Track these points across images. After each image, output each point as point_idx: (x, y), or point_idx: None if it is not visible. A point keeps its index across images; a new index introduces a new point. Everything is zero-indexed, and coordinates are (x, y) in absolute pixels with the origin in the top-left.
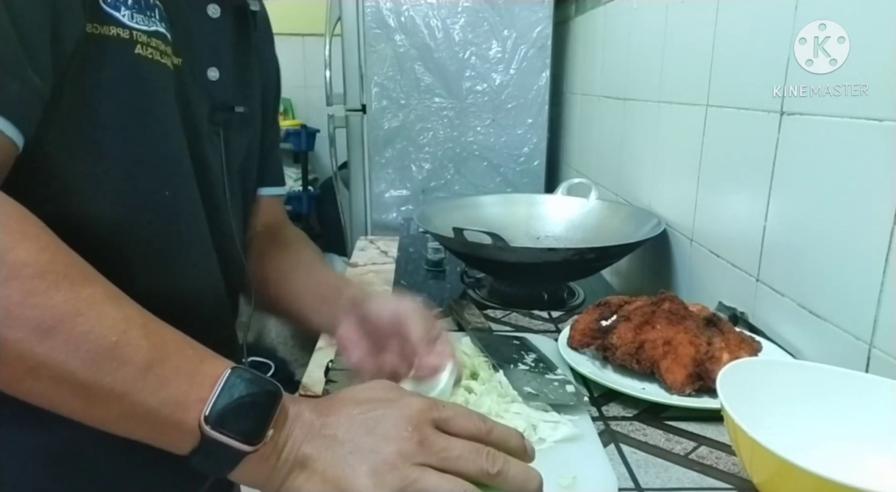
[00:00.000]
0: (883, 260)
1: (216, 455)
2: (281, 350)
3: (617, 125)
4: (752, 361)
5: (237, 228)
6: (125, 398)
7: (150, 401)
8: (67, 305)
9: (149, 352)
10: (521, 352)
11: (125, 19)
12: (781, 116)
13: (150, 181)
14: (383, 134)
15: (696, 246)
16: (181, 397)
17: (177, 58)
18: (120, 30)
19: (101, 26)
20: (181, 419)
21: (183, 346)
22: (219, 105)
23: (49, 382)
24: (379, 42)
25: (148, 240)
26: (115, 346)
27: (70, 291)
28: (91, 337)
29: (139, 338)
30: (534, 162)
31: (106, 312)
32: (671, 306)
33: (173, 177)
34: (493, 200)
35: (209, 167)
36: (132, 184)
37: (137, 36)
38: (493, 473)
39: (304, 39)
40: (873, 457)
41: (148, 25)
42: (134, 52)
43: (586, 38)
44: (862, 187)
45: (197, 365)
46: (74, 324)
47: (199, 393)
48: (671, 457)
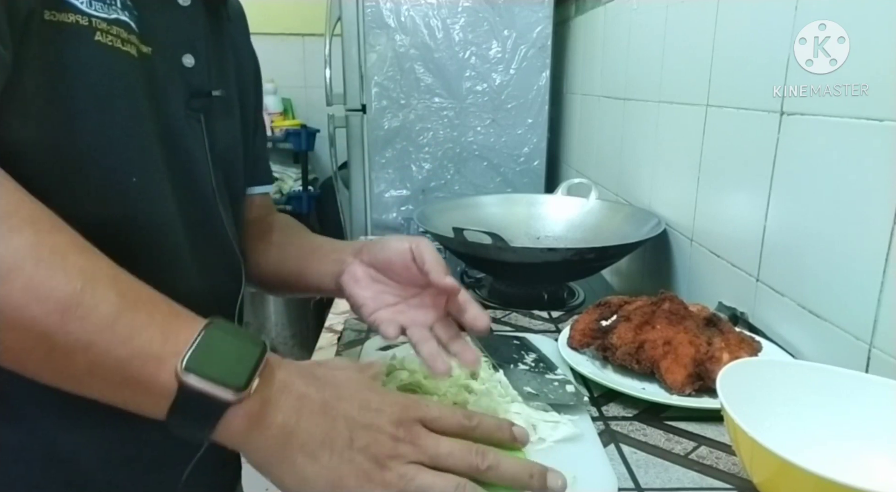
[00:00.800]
0: (883, 260)
1: (195, 410)
2: (281, 350)
3: (617, 125)
4: (752, 361)
5: (227, 217)
6: (91, 349)
7: (118, 352)
8: (27, 249)
9: (118, 302)
10: (521, 352)
11: (83, 6)
12: (781, 116)
13: (119, 168)
14: (383, 134)
15: (696, 246)
16: (155, 349)
17: (145, 46)
18: (78, 17)
19: (59, 13)
20: (154, 372)
21: (156, 300)
22: (196, 91)
23: (9, 331)
24: (379, 42)
25: (118, 229)
26: (79, 293)
27: (33, 236)
28: (52, 283)
29: (106, 288)
30: (534, 162)
31: (70, 260)
32: (671, 306)
33: (140, 163)
34: (493, 200)
35: (191, 154)
36: (101, 172)
37: (97, 23)
38: (483, 468)
39: (304, 39)
40: (873, 457)
41: (108, 13)
42: (94, 39)
43: (586, 38)
44: (862, 187)
45: (171, 319)
46: (36, 269)
47: (174, 346)
48: (671, 457)
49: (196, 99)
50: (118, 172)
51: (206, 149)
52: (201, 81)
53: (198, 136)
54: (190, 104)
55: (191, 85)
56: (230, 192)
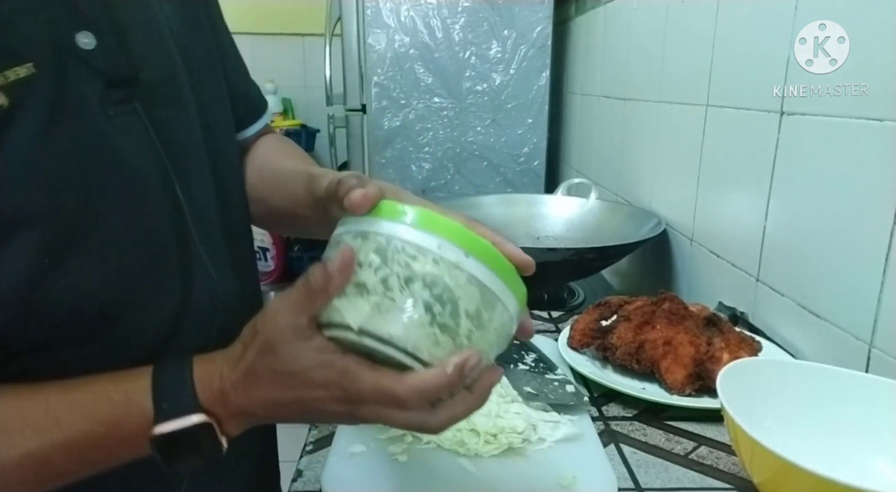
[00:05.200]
0: (883, 260)
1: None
2: None
3: (617, 125)
4: (752, 361)
5: (199, 233)
6: (79, 474)
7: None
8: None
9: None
10: (521, 352)
11: None
12: (781, 116)
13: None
14: (383, 134)
15: (696, 246)
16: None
17: (16, 67)
18: None
19: None
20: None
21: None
22: (113, 78)
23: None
24: (379, 42)
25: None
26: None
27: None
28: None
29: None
30: (534, 162)
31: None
32: (671, 306)
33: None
34: (493, 200)
35: (131, 163)
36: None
37: None
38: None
39: (304, 39)
40: (873, 457)
41: None
42: None
43: (586, 38)
44: (862, 187)
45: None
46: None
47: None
48: (671, 457)
49: (116, 89)
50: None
51: (156, 147)
52: (114, 64)
53: (137, 133)
54: (109, 97)
55: (98, 71)
56: (218, 185)
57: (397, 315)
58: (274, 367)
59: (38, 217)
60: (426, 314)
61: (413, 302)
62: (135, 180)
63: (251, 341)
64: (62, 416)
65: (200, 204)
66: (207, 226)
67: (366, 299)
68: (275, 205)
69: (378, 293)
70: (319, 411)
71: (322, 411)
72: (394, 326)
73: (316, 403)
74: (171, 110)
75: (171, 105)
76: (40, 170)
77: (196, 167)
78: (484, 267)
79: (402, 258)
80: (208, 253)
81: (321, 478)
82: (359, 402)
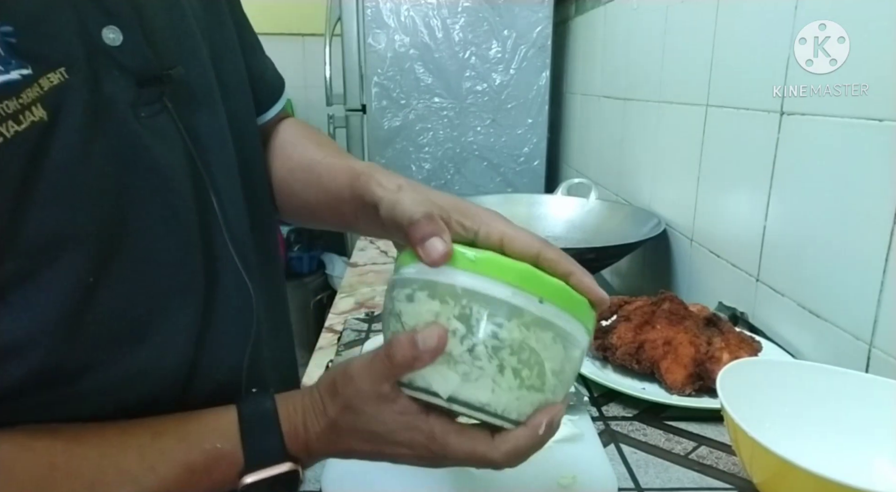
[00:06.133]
0: (883, 260)
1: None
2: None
3: (617, 125)
4: (752, 361)
5: (236, 245)
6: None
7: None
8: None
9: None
10: None
11: None
12: (781, 116)
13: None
14: (383, 134)
15: (696, 246)
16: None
17: (52, 75)
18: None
19: None
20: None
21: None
22: (142, 77)
23: None
24: (379, 42)
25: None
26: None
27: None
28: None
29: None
30: (534, 162)
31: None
32: (671, 306)
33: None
34: (493, 200)
35: (165, 168)
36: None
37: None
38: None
39: (304, 39)
40: (873, 457)
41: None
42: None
43: (586, 38)
44: (862, 187)
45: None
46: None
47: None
48: (671, 457)
49: (148, 88)
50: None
51: (190, 149)
52: (142, 60)
53: (167, 135)
54: (141, 99)
55: (127, 69)
56: (246, 184)
57: (486, 383)
58: (357, 426)
59: (83, 233)
60: (514, 379)
61: (500, 368)
62: (169, 186)
63: (332, 398)
64: (158, 465)
65: (230, 213)
66: (240, 234)
67: (453, 369)
68: (310, 200)
69: (466, 362)
70: (400, 461)
71: (403, 461)
72: (483, 393)
73: (398, 458)
74: (202, 107)
75: (200, 101)
76: (82, 183)
77: (226, 168)
78: (559, 311)
79: (490, 328)
80: (244, 265)
81: (321, 478)
82: (444, 459)
